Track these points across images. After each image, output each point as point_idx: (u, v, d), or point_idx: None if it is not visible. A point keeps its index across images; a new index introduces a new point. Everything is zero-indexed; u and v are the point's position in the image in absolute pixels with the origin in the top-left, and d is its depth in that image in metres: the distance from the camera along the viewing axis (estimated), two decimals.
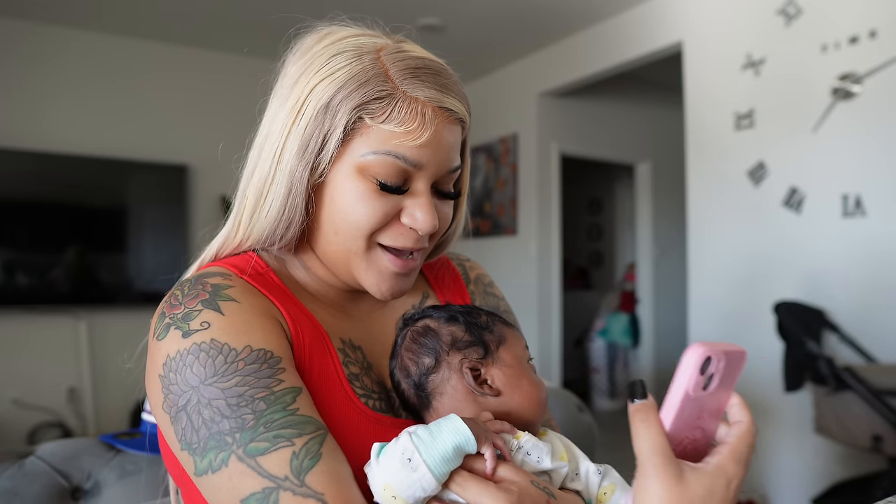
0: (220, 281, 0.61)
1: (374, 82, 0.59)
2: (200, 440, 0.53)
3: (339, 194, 0.61)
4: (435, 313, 0.64)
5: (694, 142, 3.17)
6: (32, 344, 3.58)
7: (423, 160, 0.60)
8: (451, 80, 0.63)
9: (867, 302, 2.45)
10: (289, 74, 0.64)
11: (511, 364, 0.61)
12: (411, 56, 0.61)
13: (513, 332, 0.65)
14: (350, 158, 0.60)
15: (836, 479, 2.51)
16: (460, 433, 0.50)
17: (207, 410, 0.53)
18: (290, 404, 0.54)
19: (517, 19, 3.66)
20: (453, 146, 0.63)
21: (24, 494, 0.84)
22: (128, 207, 3.82)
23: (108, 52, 3.80)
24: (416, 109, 0.59)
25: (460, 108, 0.62)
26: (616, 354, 5.02)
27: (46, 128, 3.64)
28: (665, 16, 3.31)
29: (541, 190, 4.23)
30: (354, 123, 0.59)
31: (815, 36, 2.60)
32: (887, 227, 2.39)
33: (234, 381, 0.54)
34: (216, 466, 0.52)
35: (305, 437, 0.52)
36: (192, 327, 0.56)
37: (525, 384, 0.61)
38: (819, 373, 2.17)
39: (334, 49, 0.61)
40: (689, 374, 0.47)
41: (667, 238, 4.65)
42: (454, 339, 0.61)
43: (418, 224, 0.62)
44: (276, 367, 0.56)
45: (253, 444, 0.51)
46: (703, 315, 3.14)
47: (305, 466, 0.51)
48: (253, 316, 0.58)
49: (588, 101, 4.40)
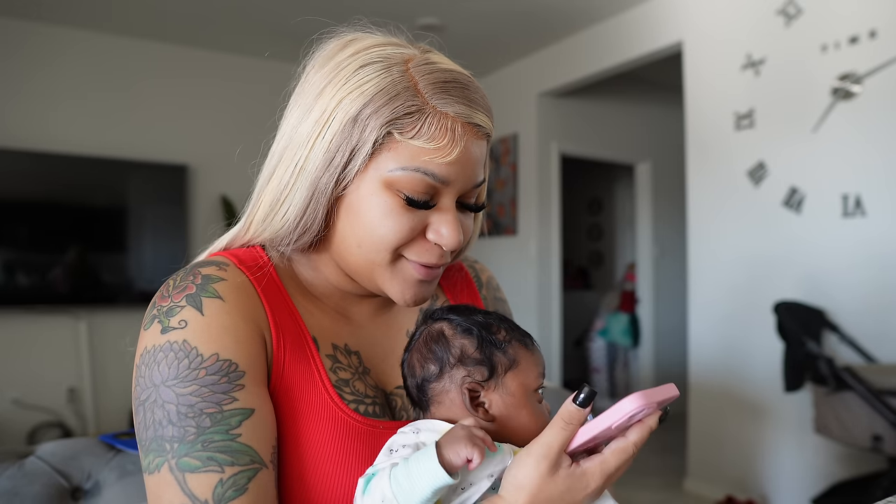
0: (212, 272, 0.61)
1: (404, 96, 0.58)
2: (146, 439, 0.55)
3: (364, 208, 0.60)
4: (455, 318, 0.63)
5: (694, 142, 3.17)
6: (32, 344, 3.58)
7: (451, 177, 0.60)
8: (478, 93, 0.62)
9: (867, 302, 2.45)
10: (312, 83, 0.62)
11: (514, 393, 0.59)
12: (440, 69, 0.60)
13: (530, 357, 0.61)
14: (377, 173, 0.59)
15: (836, 479, 2.51)
16: (438, 479, 0.49)
17: (160, 412, 0.54)
18: (233, 428, 0.54)
19: (517, 19, 3.66)
20: (479, 161, 0.63)
21: (24, 494, 0.84)
22: (128, 207, 3.82)
23: (108, 52, 3.80)
24: (447, 126, 0.58)
25: (487, 123, 0.62)
26: (616, 354, 5.02)
27: (46, 128, 3.64)
28: (665, 16, 3.31)
29: (541, 190, 4.23)
30: (384, 138, 0.58)
31: (815, 36, 2.60)
32: (887, 227, 2.39)
33: (190, 388, 0.54)
34: (151, 469, 0.54)
35: (237, 469, 0.53)
36: (171, 324, 0.57)
37: (524, 417, 0.59)
38: (819, 373, 2.18)
39: (361, 60, 0.60)
40: (617, 417, 0.50)
41: (667, 238, 4.66)
42: (463, 354, 0.60)
43: (444, 241, 0.61)
44: (236, 382, 0.56)
45: (186, 458, 0.53)
46: (703, 315, 3.14)
47: (227, 497, 0.52)
48: (232, 319, 0.58)
49: (588, 101, 4.40)
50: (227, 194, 4.02)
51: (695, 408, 3.18)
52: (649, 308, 4.70)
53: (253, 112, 4.21)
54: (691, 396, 3.21)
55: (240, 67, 4.17)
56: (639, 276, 4.82)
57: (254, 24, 3.70)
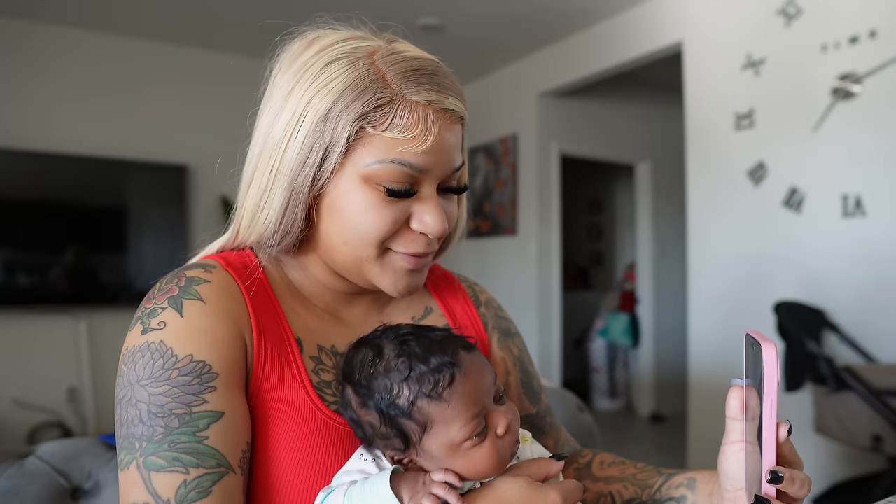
0: (197, 274, 0.62)
1: (373, 89, 0.58)
2: (120, 437, 0.56)
3: (345, 205, 0.60)
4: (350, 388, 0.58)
5: (694, 142, 3.17)
6: (32, 344, 3.58)
7: (428, 164, 0.60)
8: (447, 77, 0.61)
9: (867, 302, 2.45)
10: (279, 85, 0.62)
11: (437, 455, 0.54)
12: (406, 57, 0.60)
13: (445, 410, 0.53)
14: (354, 168, 0.59)
15: (836, 479, 2.51)
16: (387, 500, 0.50)
17: (133, 410, 0.55)
18: (201, 430, 0.54)
19: (517, 19, 3.66)
20: (455, 146, 0.62)
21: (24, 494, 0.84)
22: (128, 207, 3.82)
23: (108, 53, 3.80)
24: (418, 114, 0.58)
25: (459, 107, 0.61)
26: (616, 354, 5.02)
27: (46, 128, 3.64)
28: (665, 16, 3.31)
29: (541, 190, 4.23)
30: (356, 133, 0.58)
31: (815, 36, 2.60)
32: (887, 227, 2.39)
33: (162, 388, 0.55)
34: (122, 466, 0.55)
35: (201, 471, 0.53)
36: (151, 325, 0.58)
37: (463, 463, 0.54)
38: (819, 373, 2.18)
39: (326, 57, 0.60)
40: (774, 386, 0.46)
41: (667, 238, 4.66)
42: (374, 430, 0.56)
43: (429, 228, 0.61)
44: (208, 384, 0.56)
45: (153, 457, 0.53)
46: (703, 315, 3.14)
47: (190, 498, 0.52)
48: (210, 321, 0.58)
49: (588, 101, 4.40)
50: (226, 194, 4.02)
51: (695, 408, 3.18)
52: (649, 308, 4.70)
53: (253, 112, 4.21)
54: (691, 396, 3.21)
55: (240, 67, 4.15)
56: (639, 276, 4.82)
57: (254, 24, 3.70)
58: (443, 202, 0.64)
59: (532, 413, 0.77)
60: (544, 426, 0.78)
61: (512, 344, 0.81)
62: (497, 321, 0.81)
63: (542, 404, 0.80)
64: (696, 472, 0.65)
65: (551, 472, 0.57)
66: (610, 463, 0.75)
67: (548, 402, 0.82)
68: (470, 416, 0.53)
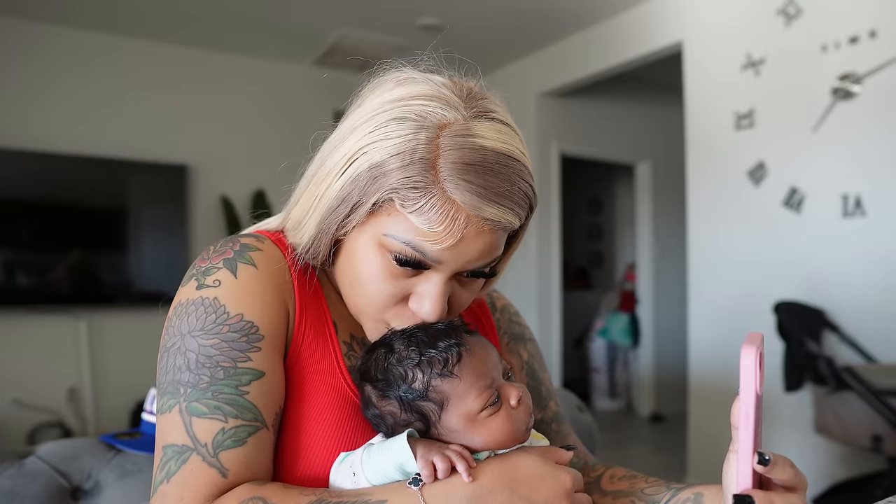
0: (250, 242, 0.65)
1: (418, 168, 0.55)
2: (164, 383, 0.59)
3: (358, 259, 0.62)
4: (369, 386, 0.61)
5: (694, 142, 3.17)
6: (32, 344, 3.57)
7: (443, 259, 0.58)
8: (509, 180, 0.57)
9: (867, 302, 2.45)
10: (356, 114, 0.62)
11: (457, 427, 0.57)
12: (473, 145, 0.56)
13: (457, 385, 0.57)
14: (374, 230, 0.59)
15: (836, 479, 2.51)
16: (402, 453, 0.54)
17: (181, 358, 0.58)
18: (243, 384, 0.58)
19: (516, 19, 3.66)
20: (486, 249, 0.59)
21: (24, 494, 0.84)
22: (128, 207, 3.82)
23: (108, 53, 3.80)
24: (448, 212, 0.55)
25: (502, 217, 0.57)
26: (616, 354, 5.02)
27: (46, 128, 3.64)
28: (665, 16, 3.31)
29: (541, 190, 4.23)
30: (384, 202, 0.58)
31: (815, 36, 2.60)
32: (887, 227, 2.39)
33: (212, 341, 0.58)
34: (164, 410, 0.58)
35: (239, 422, 0.57)
36: (206, 282, 0.61)
37: (482, 433, 0.57)
38: (819, 373, 2.18)
39: (400, 111, 0.58)
40: (755, 383, 0.47)
41: (667, 238, 4.65)
42: (395, 420, 0.59)
43: (423, 314, 0.61)
44: (254, 344, 0.59)
45: (196, 403, 0.56)
46: (703, 315, 3.14)
47: (226, 445, 0.56)
48: (262, 286, 0.62)
49: (588, 101, 4.40)
50: (227, 194, 4.02)
51: (695, 408, 3.18)
52: (649, 308, 4.70)
53: (253, 112, 4.21)
54: (691, 396, 3.21)
55: (240, 67, 4.17)
56: (639, 276, 4.82)
57: (254, 24, 3.70)
58: (459, 282, 0.62)
59: (536, 419, 0.76)
60: (549, 433, 0.77)
61: (522, 348, 0.81)
62: (510, 326, 0.82)
63: (548, 411, 0.79)
64: (704, 487, 0.64)
65: (563, 459, 0.59)
66: (621, 477, 0.74)
67: (558, 412, 0.81)
68: (482, 386, 0.58)
